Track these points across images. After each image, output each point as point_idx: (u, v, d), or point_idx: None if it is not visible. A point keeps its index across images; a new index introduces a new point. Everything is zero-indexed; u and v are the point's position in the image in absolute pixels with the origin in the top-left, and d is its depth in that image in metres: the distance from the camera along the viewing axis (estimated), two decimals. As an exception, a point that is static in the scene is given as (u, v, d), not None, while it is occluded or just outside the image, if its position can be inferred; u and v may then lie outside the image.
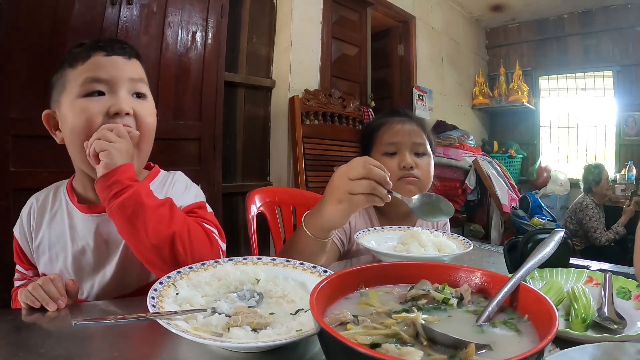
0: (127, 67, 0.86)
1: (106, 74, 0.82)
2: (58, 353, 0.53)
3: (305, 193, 1.80)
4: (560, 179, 4.79)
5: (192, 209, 0.89)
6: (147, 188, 0.78)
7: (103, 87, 0.82)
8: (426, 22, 4.36)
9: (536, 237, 0.82)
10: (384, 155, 1.20)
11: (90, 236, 0.86)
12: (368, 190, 0.76)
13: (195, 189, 0.96)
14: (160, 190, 0.91)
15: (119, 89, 0.83)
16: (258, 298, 0.64)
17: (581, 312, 0.63)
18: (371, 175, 0.75)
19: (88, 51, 0.83)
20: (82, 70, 0.82)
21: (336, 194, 0.79)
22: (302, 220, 0.87)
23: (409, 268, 0.58)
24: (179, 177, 0.97)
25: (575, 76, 5.12)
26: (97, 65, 0.82)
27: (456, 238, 1.10)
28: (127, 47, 0.88)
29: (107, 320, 0.55)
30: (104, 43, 0.85)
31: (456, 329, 0.45)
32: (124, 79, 0.84)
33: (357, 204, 0.78)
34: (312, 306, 0.43)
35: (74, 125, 0.81)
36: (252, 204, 1.46)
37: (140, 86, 0.87)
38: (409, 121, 1.24)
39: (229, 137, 2.75)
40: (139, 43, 2.03)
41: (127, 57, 0.86)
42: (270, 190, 1.58)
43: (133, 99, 0.85)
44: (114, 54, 0.84)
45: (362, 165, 0.76)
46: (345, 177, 0.77)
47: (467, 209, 3.83)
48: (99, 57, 0.83)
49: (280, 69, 2.97)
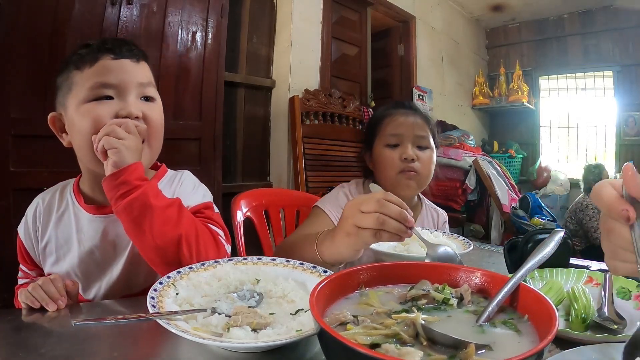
0: (135, 71, 0.84)
1: (115, 78, 0.81)
2: (58, 353, 0.53)
3: (294, 193, 1.70)
4: (560, 179, 4.79)
5: (200, 209, 0.89)
6: (155, 188, 0.78)
7: (112, 91, 0.81)
8: (426, 22, 4.36)
9: (536, 237, 0.82)
10: (387, 147, 1.20)
11: (98, 237, 0.85)
12: (376, 226, 0.70)
13: (203, 189, 0.96)
14: (169, 189, 0.90)
15: (128, 93, 0.82)
16: (258, 298, 0.64)
17: (581, 312, 0.63)
18: (384, 210, 0.70)
19: (95, 53, 0.81)
20: (90, 74, 0.80)
21: (344, 226, 0.74)
22: (316, 239, 0.82)
23: (409, 268, 0.58)
24: (187, 176, 0.97)
25: (575, 76, 5.12)
26: (105, 69, 0.80)
27: (456, 238, 1.10)
28: (135, 49, 0.86)
29: (107, 320, 0.55)
30: (111, 45, 0.83)
31: (456, 329, 0.45)
32: (132, 83, 0.82)
33: (364, 239, 0.73)
34: (312, 306, 0.43)
35: (82, 128, 0.79)
36: (238, 210, 1.36)
37: (149, 90, 0.86)
38: (413, 114, 1.23)
39: (229, 137, 2.75)
40: (139, 43, 2.01)
41: (136, 60, 0.85)
42: (257, 192, 1.49)
43: (142, 103, 0.84)
44: (122, 57, 0.82)
45: (377, 199, 0.71)
46: (356, 208, 0.72)
47: (467, 209, 3.82)
48: (107, 60, 0.81)
49: (280, 69, 2.97)
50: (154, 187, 0.77)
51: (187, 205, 0.86)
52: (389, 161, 1.18)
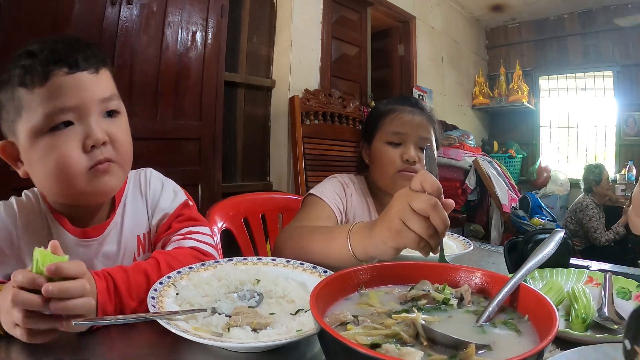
0: (95, 85, 0.71)
1: (73, 99, 0.68)
2: (58, 352, 0.53)
3: (275, 196, 1.58)
4: (560, 179, 4.79)
5: (179, 212, 0.86)
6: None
7: (71, 115, 0.68)
8: (426, 22, 4.36)
9: (536, 237, 0.82)
10: (388, 144, 1.14)
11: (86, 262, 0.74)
12: (423, 234, 0.63)
13: (171, 185, 0.90)
14: (138, 193, 0.86)
15: (89, 115, 0.70)
16: (258, 298, 0.64)
17: (581, 312, 0.63)
18: (434, 217, 0.63)
19: (45, 67, 0.67)
20: (42, 95, 0.67)
21: (389, 218, 0.66)
22: (348, 229, 0.76)
23: (409, 268, 0.58)
24: (151, 175, 0.89)
25: (575, 76, 5.12)
26: (60, 89, 0.67)
27: (456, 238, 1.10)
28: (91, 55, 0.71)
29: (107, 320, 0.55)
30: (63, 54, 0.69)
31: (456, 329, 0.45)
32: (93, 101, 0.70)
33: (406, 242, 0.65)
34: (312, 306, 0.43)
35: (46, 167, 0.69)
36: (214, 225, 1.23)
37: (113, 104, 0.74)
38: (419, 113, 1.17)
39: (229, 137, 2.75)
40: (139, 43, 2.03)
41: (94, 71, 0.71)
42: (233, 201, 1.37)
43: (105, 121, 0.72)
44: (78, 70, 0.69)
45: (433, 204, 0.63)
46: (406, 202, 0.64)
47: (467, 209, 3.82)
48: (60, 76, 0.67)
49: (281, 68, 2.97)
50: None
51: (165, 213, 0.84)
52: (389, 159, 1.13)
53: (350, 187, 1.19)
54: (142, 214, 0.86)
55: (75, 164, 0.69)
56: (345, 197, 1.16)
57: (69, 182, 0.70)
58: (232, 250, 1.29)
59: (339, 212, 1.11)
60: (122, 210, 0.83)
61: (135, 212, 0.85)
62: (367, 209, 1.19)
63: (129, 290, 0.63)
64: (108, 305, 0.60)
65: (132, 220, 0.84)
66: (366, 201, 1.20)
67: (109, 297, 0.61)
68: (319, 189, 1.13)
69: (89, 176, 0.70)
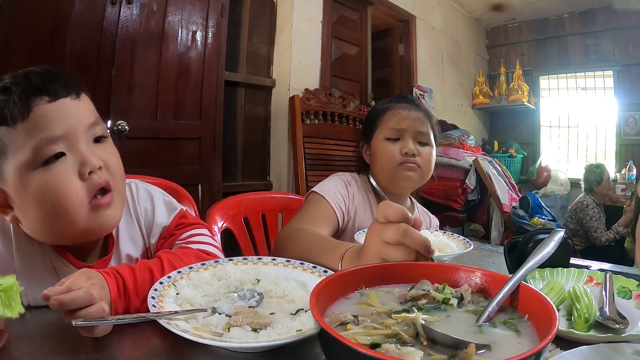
0: (80, 110, 0.69)
1: (61, 128, 0.65)
2: (58, 353, 0.53)
3: (275, 195, 1.58)
4: (560, 178, 4.79)
5: (177, 222, 0.84)
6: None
7: (61, 146, 0.65)
8: (426, 21, 4.36)
9: (536, 237, 0.82)
10: (387, 140, 1.17)
11: None
12: (407, 260, 0.63)
13: (161, 196, 0.87)
14: (129, 216, 0.82)
15: (79, 142, 0.67)
16: (258, 298, 0.64)
17: (584, 312, 0.63)
18: (408, 242, 0.62)
19: (25, 99, 0.63)
20: (27, 129, 0.63)
21: (369, 257, 0.66)
22: (341, 255, 0.76)
23: (409, 268, 0.58)
24: (137, 190, 0.86)
25: (576, 76, 5.12)
26: (46, 119, 0.64)
27: (456, 238, 1.10)
28: (68, 80, 0.69)
29: (107, 320, 0.55)
30: (40, 82, 0.65)
31: (456, 329, 0.45)
32: (81, 127, 0.67)
33: None
34: (312, 306, 0.43)
35: (43, 205, 0.65)
36: (214, 225, 1.22)
37: (99, 129, 0.71)
38: (415, 109, 1.21)
39: (229, 137, 2.75)
40: (139, 43, 2.03)
41: (76, 97, 0.69)
42: (233, 200, 1.37)
43: (96, 147, 0.70)
44: (59, 97, 0.66)
45: (402, 232, 0.62)
46: (378, 238, 0.64)
47: (467, 208, 3.82)
48: (42, 106, 0.64)
49: (281, 68, 2.97)
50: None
51: (163, 227, 0.82)
52: (389, 154, 1.16)
53: (352, 186, 1.21)
54: (137, 237, 0.83)
55: (76, 195, 0.66)
56: (348, 195, 1.18)
57: (71, 219, 0.66)
58: (232, 250, 1.29)
59: (341, 211, 1.13)
60: (117, 236, 0.81)
61: (131, 236, 0.83)
62: (369, 206, 1.22)
63: (135, 289, 0.63)
64: (119, 305, 0.60)
65: (129, 245, 0.82)
66: (368, 199, 1.23)
67: (119, 296, 0.61)
68: (322, 187, 1.16)
69: (91, 212, 0.68)
